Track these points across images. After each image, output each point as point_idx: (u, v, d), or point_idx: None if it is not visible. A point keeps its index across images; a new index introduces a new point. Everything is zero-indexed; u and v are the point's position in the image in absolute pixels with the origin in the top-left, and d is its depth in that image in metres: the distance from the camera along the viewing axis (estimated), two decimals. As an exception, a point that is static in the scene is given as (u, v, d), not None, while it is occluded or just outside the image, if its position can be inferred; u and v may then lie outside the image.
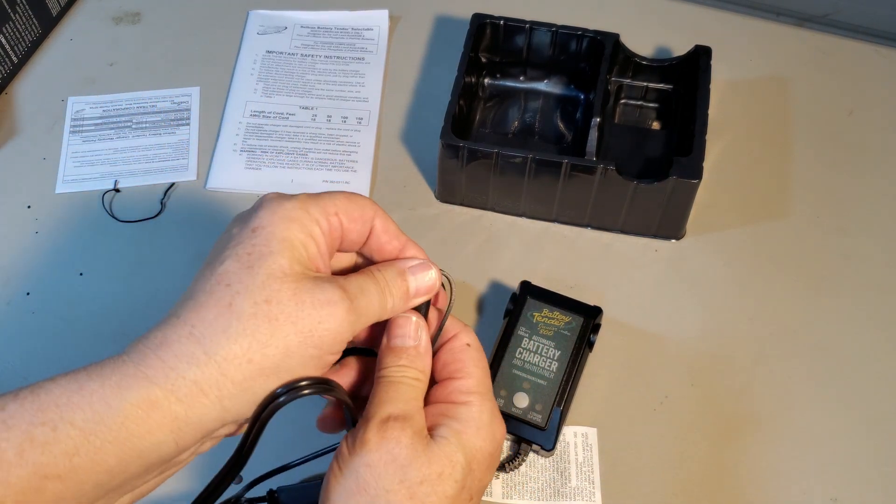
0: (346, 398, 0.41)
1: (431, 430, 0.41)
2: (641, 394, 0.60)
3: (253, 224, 0.38)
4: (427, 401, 0.43)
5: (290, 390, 0.37)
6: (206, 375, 0.34)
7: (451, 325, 0.44)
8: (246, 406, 0.36)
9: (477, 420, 0.41)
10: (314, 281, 0.37)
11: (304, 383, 0.37)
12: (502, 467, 0.56)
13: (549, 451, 0.56)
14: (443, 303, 0.44)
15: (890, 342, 0.62)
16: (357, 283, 0.39)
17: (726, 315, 0.64)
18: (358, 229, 0.41)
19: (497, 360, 0.58)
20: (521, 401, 0.57)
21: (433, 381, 0.44)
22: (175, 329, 0.35)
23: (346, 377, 0.44)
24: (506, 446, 0.58)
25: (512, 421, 0.56)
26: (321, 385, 0.38)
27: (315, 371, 0.37)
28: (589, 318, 0.59)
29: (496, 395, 0.57)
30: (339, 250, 0.41)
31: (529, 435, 0.56)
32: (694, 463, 0.57)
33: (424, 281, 0.41)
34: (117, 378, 0.34)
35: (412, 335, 0.42)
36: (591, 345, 0.59)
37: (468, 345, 0.43)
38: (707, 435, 0.59)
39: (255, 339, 0.35)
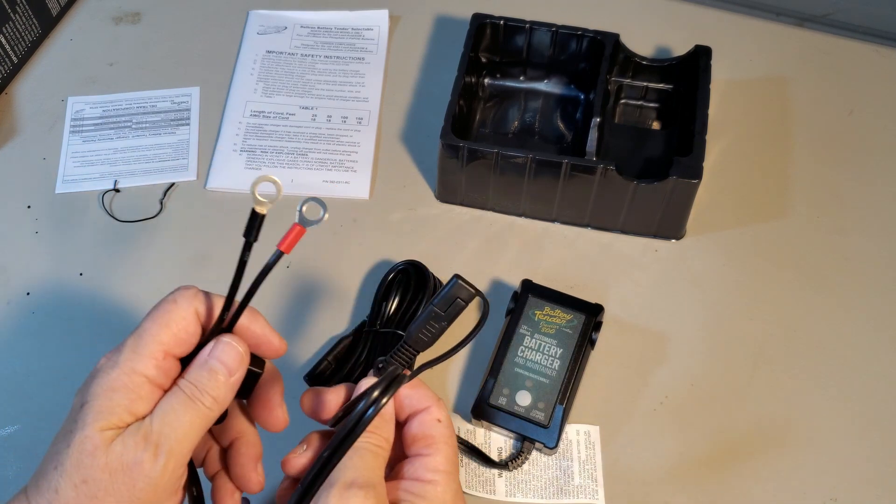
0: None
1: None
2: (642, 393, 0.60)
3: (83, 398, 0.40)
4: (395, 475, 0.44)
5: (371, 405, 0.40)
6: None
7: (424, 397, 0.44)
8: None
9: (440, 500, 0.42)
10: (122, 442, 0.39)
11: (375, 393, 0.41)
12: (505, 465, 0.56)
13: (551, 448, 0.56)
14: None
15: (890, 342, 0.62)
16: (163, 411, 0.40)
17: (726, 315, 0.64)
18: (191, 340, 0.42)
19: (499, 358, 0.58)
20: (524, 399, 0.57)
21: (403, 455, 0.44)
22: None
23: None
24: (509, 444, 0.58)
25: (514, 419, 0.56)
26: (392, 386, 0.41)
27: None
28: (591, 315, 0.59)
29: (499, 393, 0.57)
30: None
31: (532, 433, 0.56)
32: (694, 463, 0.57)
33: (230, 357, 0.41)
34: None
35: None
36: (592, 343, 0.59)
37: (439, 420, 0.44)
38: (707, 435, 0.59)
39: None
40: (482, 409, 0.57)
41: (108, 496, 0.38)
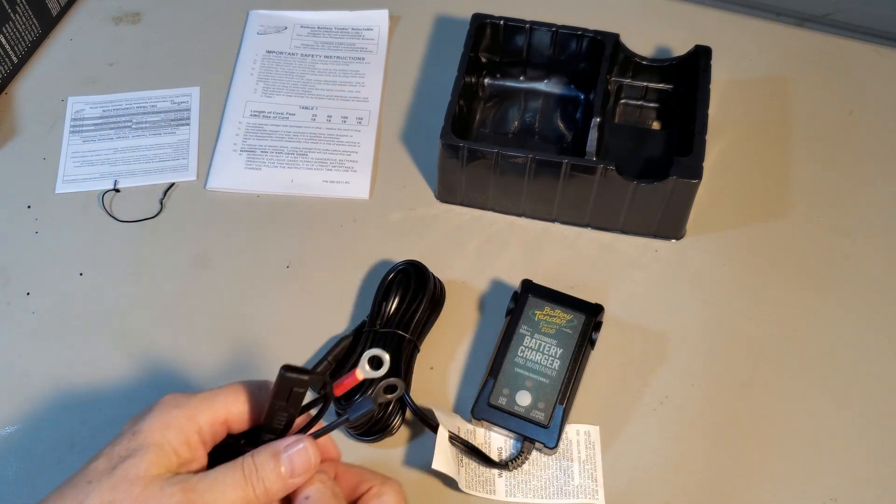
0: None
1: None
2: (642, 393, 0.60)
3: (137, 427, 0.41)
4: None
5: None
6: None
7: (367, 477, 0.44)
8: None
9: None
10: (163, 484, 0.39)
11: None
12: (506, 465, 0.56)
13: (551, 448, 0.56)
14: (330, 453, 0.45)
15: (890, 342, 0.62)
16: (213, 478, 0.40)
17: (726, 315, 0.64)
18: (247, 423, 0.43)
19: (499, 358, 0.58)
20: (524, 399, 0.57)
21: None
22: None
23: None
24: (509, 444, 0.58)
25: (514, 419, 0.56)
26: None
27: None
28: (591, 315, 0.59)
29: (499, 393, 0.57)
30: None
31: (532, 433, 0.56)
32: (694, 463, 0.57)
33: (300, 461, 0.41)
34: None
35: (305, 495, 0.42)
36: (592, 343, 0.59)
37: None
38: (707, 435, 0.59)
39: None
40: (482, 409, 0.57)
41: None
